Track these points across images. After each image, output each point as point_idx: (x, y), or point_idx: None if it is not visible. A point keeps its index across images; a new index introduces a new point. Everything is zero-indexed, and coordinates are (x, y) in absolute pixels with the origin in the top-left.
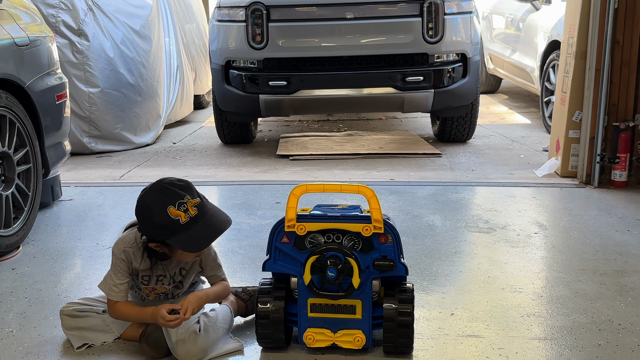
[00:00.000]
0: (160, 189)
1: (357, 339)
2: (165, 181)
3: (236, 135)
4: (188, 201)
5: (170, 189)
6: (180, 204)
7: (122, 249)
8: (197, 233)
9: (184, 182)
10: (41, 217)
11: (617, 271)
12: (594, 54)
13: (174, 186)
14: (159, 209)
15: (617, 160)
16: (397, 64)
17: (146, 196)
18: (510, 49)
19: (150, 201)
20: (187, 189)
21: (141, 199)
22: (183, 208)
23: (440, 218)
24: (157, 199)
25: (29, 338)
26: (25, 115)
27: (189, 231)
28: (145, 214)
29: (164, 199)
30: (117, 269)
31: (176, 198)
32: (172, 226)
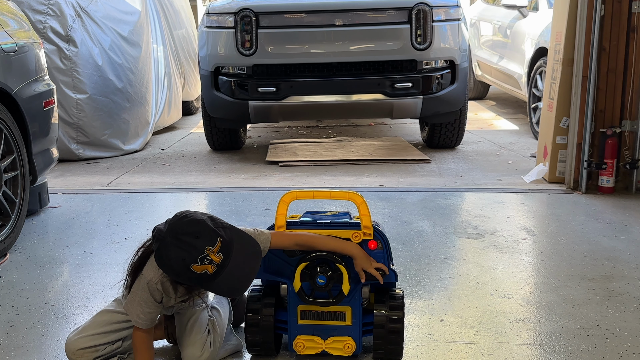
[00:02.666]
0: (175, 244)
1: (347, 346)
2: (177, 230)
3: (225, 142)
4: (209, 252)
5: (186, 241)
6: (203, 259)
7: (160, 280)
8: (230, 278)
9: (196, 226)
10: (28, 224)
11: (605, 276)
12: (581, 61)
13: (187, 235)
14: (182, 268)
15: (604, 166)
16: (386, 71)
17: (163, 253)
18: (498, 56)
19: (169, 260)
20: (203, 236)
21: (159, 257)
22: (207, 261)
23: (429, 224)
24: (176, 256)
25: (16, 347)
26: (12, 122)
27: (221, 277)
28: (169, 272)
29: (184, 257)
30: (149, 299)
31: (196, 254)
32: (201, 280)
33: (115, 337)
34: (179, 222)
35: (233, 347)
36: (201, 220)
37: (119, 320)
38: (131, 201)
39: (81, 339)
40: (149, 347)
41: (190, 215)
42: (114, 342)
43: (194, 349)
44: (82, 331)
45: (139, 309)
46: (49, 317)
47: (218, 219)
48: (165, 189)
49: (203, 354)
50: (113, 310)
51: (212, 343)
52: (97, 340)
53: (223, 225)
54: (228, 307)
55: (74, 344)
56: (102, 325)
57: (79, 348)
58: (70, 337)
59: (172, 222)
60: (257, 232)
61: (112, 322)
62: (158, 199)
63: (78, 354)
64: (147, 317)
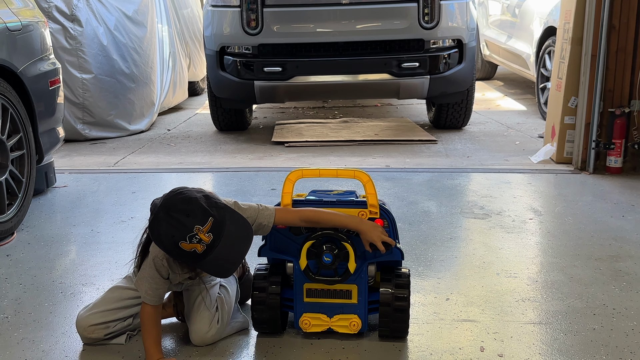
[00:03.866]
0: (166, 220)
1: (352, 324)
2: (169, 206)
3: (231, 122)
4: (199, 231)
5: (176, 218)
6: (191, 237)
7: (164, 257)
8: (219, 259)
9: (188, 204)
10: (35, 203)
11: (611, 256)
12: (590, 40)
13: (179, 213)
14: (171, 245)
15: (612, 146)
16: (393, 50)
17: (154, 228)
18: (506, 35)
19: (159, 235)
20: (194, 214)
21: (151, 230)
22: (195, 240)
23: (435, 204)
24: (166, 233)
25: (24, 324)
26: (18, 101)
27: (210, 257)
28: (160, 246)
29: (173, 234)
30: (156, 275)
31: (184, 232)
32: (191, 257)
33: (125, 313)
34: (173, 198)
35: (240, 324)
36: (194, 199)
37: (129, 296)
38: (137, 181)
39: (92, 315)
40: (157, 323)
41: (185, 192)
42: (124, 318)
43: (202, 326)
44: (93, 308)
45: (147, 285)
46: (57, 294)
47: (213, 198)
48: (171, 169)
49: (210, 330)
50: (123, 287)
51: (220, 320)
52: (108, 316)
53: (217, 205)
54: (235, 285)
55: (85, 320)
56: (113, 302)
57: (90, 324)
58: (81, 314)
59: (167, 197)
60: (261, 207)
61: (123, 299)
62: (164, 179)
63: (89, 330)
64: (155, 293)
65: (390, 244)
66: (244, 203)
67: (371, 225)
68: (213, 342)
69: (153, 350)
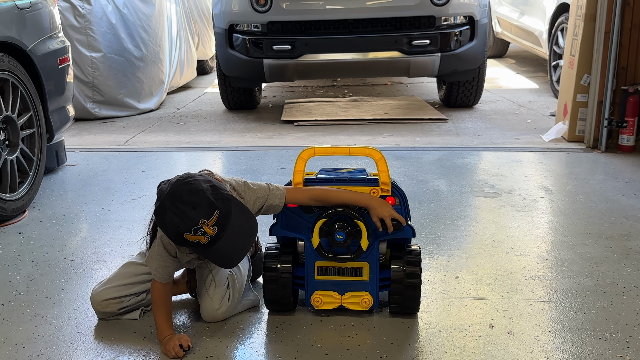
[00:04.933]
0: (172, 209)
1: (364, 301)
2: (176, 196)
3: (240, 101)
4: (204, 224)
5: (182, 209)
6: (196, 230)
7: None
8: (222, 251)
9: (195, 197)
10: (46, 182)
11: (622, 235)
12: (604, 16)
13: (185, 204)
14: (175, 235)
15: (624, 125)
16: (404, 27)
17: (159, 216)
18: (519, 12)
19: (164, 223)
20: (200, 207)
21: (157, 217)
22: (200, 232)
23: (445, 183)
24: (171, 222)
25: (37, 300)
26: (28, 79)
27: (214, 248)
28: (165, 232)
29: (178, 225)
30: (164, 253)
31: (189, 224)
32: (195, 247)
33: (139, 288)
34: (180, 188)
35: (250, 302)
36: (201, 191)
37: (143, 272)
38: (147, 160)
39: (106, 289)
40: (167, 300)
41: (193, 182)
42: (138, 293)
43: (212, 302)
44: (107, 282)
45: (156, 262)
46: (69, 271)
47: (220, 190)
48: (181, 148)
49: (221, 307)
50: (137, 263)
51: (230, 297)
52: (122, 291)
53: (223, 196)
54: (248, 264)
55: (99, 294)
56: (127, 277)
57: (105, 299)
58: (96, 289)
59: (174, 185)
60: (272, 187)
61: (137, 274)
62: (174, 158)
63: (103, 304)
64: (164, 270)
65: (400, 222)
66: (253, 183)
67: (380, 202)
68: (224, 318)
69: (164, 326)
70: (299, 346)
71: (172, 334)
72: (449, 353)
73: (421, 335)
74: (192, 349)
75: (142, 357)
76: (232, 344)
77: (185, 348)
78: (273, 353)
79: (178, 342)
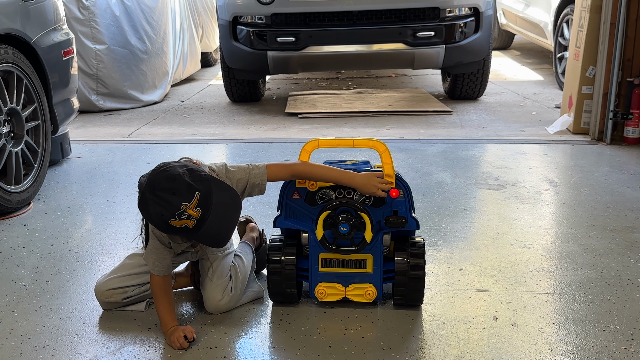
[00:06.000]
0: (153, 199)
1: (368, 293)
2: (154, 186)
3: (244, 93)
4: (186, 208)
5: (162, 197)
6: (180, 215)
7: None
8: (211, 230)
9: (173, 183)
10: (51, 174)
11: (627, 227)
12: (609, 8)
13: (164, 192)
14: (162, 223)
15: (630, 117)
16: (408, 19)
17: (143, 207)
18: (524, 4)
19: (149, 214)
20: (179, 192)
21: (140, 209)
22: (184, 216)
23: (450, 175)
24: (155, 212)
25: (42, 292)
26: (32, 72)
27: (202, 230)
28: (152, 224)
29: (162, 213)
30: (160, 246)
31: (173, 210)
32: (184, 231)
33: (143, 279)
34: (157, 176)
35: (254, 294)
36: (178, 176)
37: None
38: (152, 152)
39: (110, 280)
40: (167, 293)
41: (168, 169)
42: (142, 284)
43: (215, 293)
44: (112, 273)
45: (154, 256)
46: (74, 263)
47: (197, 172)
48: (185, 140)
49: (223, 298)
50: (141, 254)
51: (233, 288)
52: (126, 281)
53: (202, 177)
54: (252, 256)
55: (103, 284)
56: (131, 268)
57: (108, 288)
58: (100, 279)
59: (151, 175)
60: (251, 167)
61: (141, 265)
62: (178, 150)
63: (107, 294)
64: (162, 263)
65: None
66: (232, 165)
67: (365, 178)
68: (227, 310)
69: (167, 318)
70: (303, 337)
71: (176, 325)
72: (452, 345)
73: (425, 327)
74: (196, 340)
75: (146, 348)
76: (237, 335)
77: (190, 339)
78: (277, 344)
79: (182, 333)
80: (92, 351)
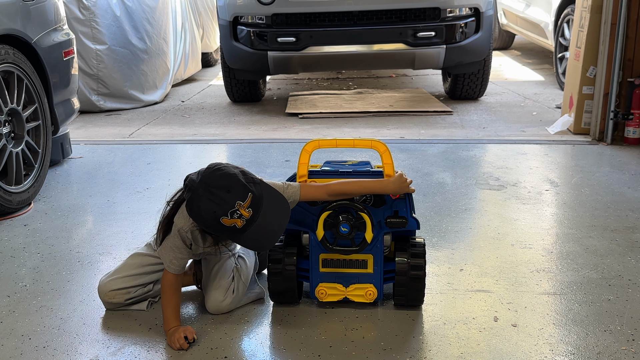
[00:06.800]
0: (207, 196)
1: (369, 293)
2: (209, 182)
3: (245, 93)
4: (240, 207)
5: (217, 194)
6: (233, 213)
7: (190, 229)
8: (258, 233)
9: (229, 180)
10: (52, 174)
11: (628, 227)
12: (610, 8)
13: (220, 189)
14: (212, 220)
15: (630, 117)
16: (409, 19)
17: (194, 205)
18: (524, 4)
19: (199, 211)
20: (235, 190)
21: (191, 207)
22: (236, 215)
23: (450, 175)
24: (207, 209)
25: (43, 292)
26: (33, 72)
27: (249, 232)
28: (199, 222)
29: (215, 210)
30: (181, 245)
31: (226, 207)
32: (230, 231)
33: (146, 279)
34: (212, 175)
35: (256, 295)
36: (233, 175)
37: (149, 263)
38: (152, 152)
39: (113, 280)
40: (177, 292)
41: (223, 168)
42: (145, 284)
43: (217, 294)
44: (114, 274)
45: (172, 254)
46: (74, 263)
47: (250, 174)
48: (186, 141)
49: (225, 299)
50: (144, 254)
51: (235, 290)
52: (129, 282)
53: (254, 180)
54: (254, 257)
55: (106, 285)
56: (134, 268)
57: (111, 289)
58: (103, 279)
59: (205, 173)
60: (286, 185)
61: (143, 265)
62: (179, 150)
63: (110, 295)
64: (179, 262)
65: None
66: (268, 182)
67: (397, 184)
68: (228, 310)
69: (171, 317)
70: (303, 338)
71: (177, 325)
72: (453, 345)
73: (425, 328)
74: (197, 341)
75: (147, 348)
76: (237, 335)
77: (190, 340)
78: (278, 345)
79: (183, 334)
80: (93, 351)
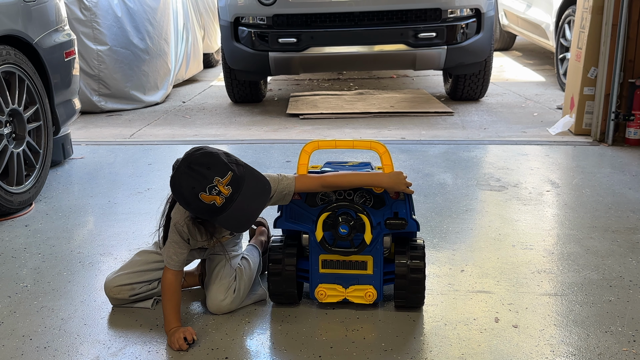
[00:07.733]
0: (187, 172)
1: (368, 294)
2: (191, 160)
3: (246, 94)
4: (218, 183)
5: (197, 170)
6: (211, 189)
7: (185, 223)
8: (237, 212)
9: (209, 158)
10: (53, 174)
11: (629, 228)
12: (611, 9)
13: (200, 166)
14: (191, 197)
15: (631, 118)
16: (410, 20)
17: (175, 181)
18: (525, 5)
19: (180, 187)
20: (215, 167)
21: (172, 184)
22: (215, 192)
23: (451, 176)
24: (187, 185)
25: (44, 292)
26: (34, 72)
27: (229, 211)
28: (180, 200)
29: (194, 185)
30: (179, 240)
31: (205, 183)
32: (210, 210)
33: (151, 276)
34: (194, 154)
35: (258, 296)
36: (215, 154)
37: (155, 260)
38: (153, 153)
39: (119, 276)
40: (177, 291)
41: (206, 148)
42: (150, 281)
43: (218, 293)
44: (120, 270)
45: (172, 249)
46: (75, 264)
47: (234, 157)
48: (187, 141)
49: (226, 298)
50: (150, 251)
51: (237, 290)
52: (134, 278)
53: (237, 162)
54: (258, 259)
55: (111, 281)
56: (139, 265)
57: (116, 285)
58: (109, 276)
59: (188, 153)
60: (281, 176)
61: (149, 262)
62: (179, 151)
63: (115, 290)
64: (178, 257)
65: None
66: (265, 173)
67: (392, 177)
68: (229, 310)
69: (171, 317)
70: (304, 338)
71: (178, 326)
72: (454, 346)
73: (426, 329)
74: (197, 342)
75: (148, 349)
76: (238, 336)
77: (190, 341)
78: (278, 345)
79: (182, 334)
80: (94, 352)
